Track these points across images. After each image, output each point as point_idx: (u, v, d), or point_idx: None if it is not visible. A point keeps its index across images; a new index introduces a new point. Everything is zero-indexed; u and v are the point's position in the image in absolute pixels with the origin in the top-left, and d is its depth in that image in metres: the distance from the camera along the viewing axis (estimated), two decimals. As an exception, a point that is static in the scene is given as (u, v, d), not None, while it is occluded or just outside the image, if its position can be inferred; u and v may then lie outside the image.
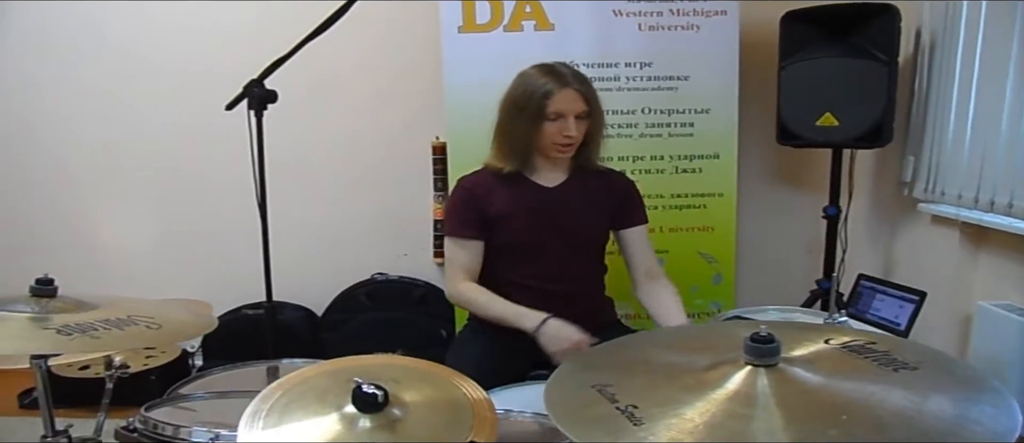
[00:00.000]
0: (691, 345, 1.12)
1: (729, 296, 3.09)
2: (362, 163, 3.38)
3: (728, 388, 0.97)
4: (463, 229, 2.10)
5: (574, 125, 1.97)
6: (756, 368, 0.98)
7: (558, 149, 2.01)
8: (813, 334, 1.09)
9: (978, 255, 2.61)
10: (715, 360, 1.02)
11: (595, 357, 1.13)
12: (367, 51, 3.26)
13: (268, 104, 2.24)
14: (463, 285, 2.09)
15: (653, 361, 1.07)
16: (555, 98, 1.95)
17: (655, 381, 1.00)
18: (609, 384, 0.97)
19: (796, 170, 3.35)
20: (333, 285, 3.32)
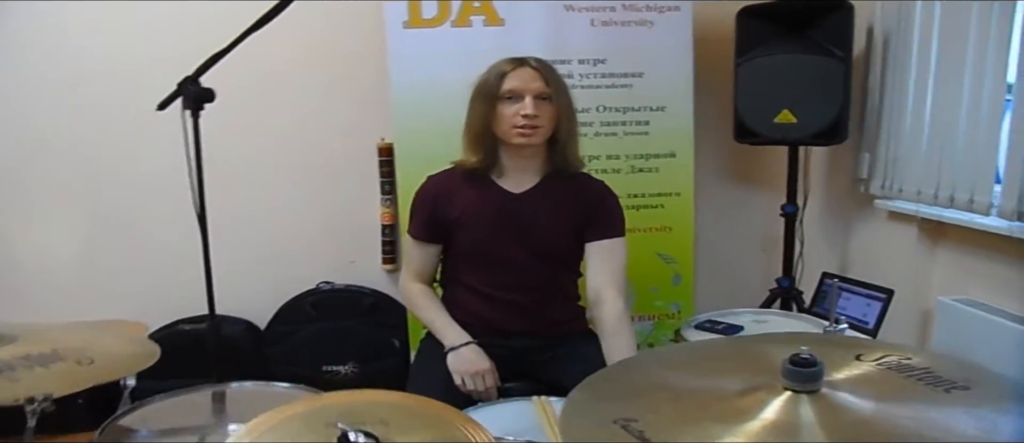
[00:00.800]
0: (711, 367, 1.03)
1: (688, 297, 3.04)
2: (305, 166, 3.19)
3: (766, 418, 0.88)
4: (421, 231, 2.04)
5: (532, 104, 1.86)
6: (797, 394, 0.89)
7: (519, 133, 1.89)
8: (841, 350, 1.01)
9: (936, 251, 2.62)
10: (747, 385, 0.93)
11: (604, 384, 1.01)
12: (308, 47, 3.07)
13: (205, 103, 2.05)
14: (412, 285, 2.08)
15: (674, 387, 0.97)
16: (508, 76, 1.89)
17: (684, 412, 0.90)
18: (633, 419, 0.87)
19: (750, 168, 3.33)
20: (276, 296, 3.12)
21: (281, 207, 3.19)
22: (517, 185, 2.00)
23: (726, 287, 3.27)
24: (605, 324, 1.90)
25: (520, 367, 2.02)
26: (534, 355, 2.05)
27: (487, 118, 1.92)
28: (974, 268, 2.46)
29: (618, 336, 1.86)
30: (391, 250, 3.24)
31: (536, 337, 2.03)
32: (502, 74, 1.90)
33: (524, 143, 1.91)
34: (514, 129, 1.89)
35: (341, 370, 3.04)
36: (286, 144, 3.17)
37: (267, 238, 3.17)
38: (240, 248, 3.01)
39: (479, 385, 1.88)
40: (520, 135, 1.89)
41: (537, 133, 1.91)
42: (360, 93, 3.14)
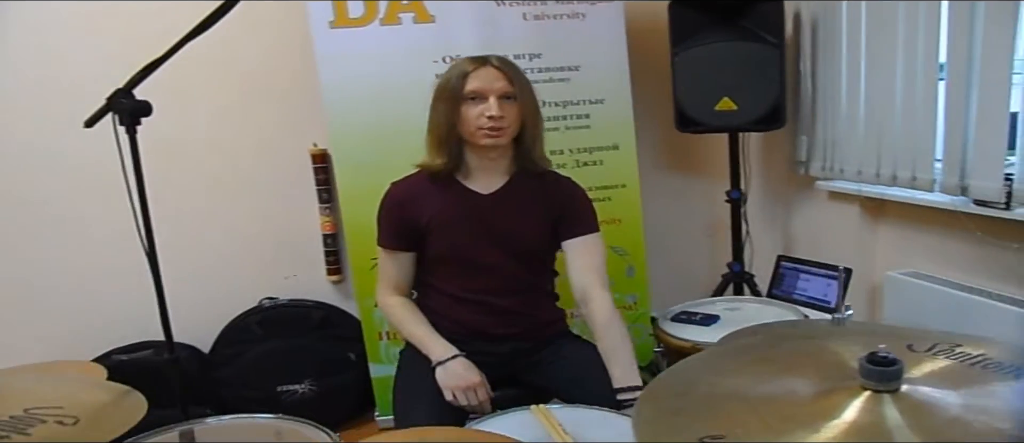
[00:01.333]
0: (769, 370, 1.01)
1: (643, 288, 3.07)
2: (234, 179, 3.02)
3: (850, 419, 0.86)
4: (391, 240, 1.96)
5: (496, 105, 1.81)
6: (878, 394, 0.88)
7: (484, 134, 1.84)
8: (892, 340, 1.01)
9: (878, 227, 2.74)
10: (820, 387, 0.92)
11: (667, 398, 0.98)
12: (225, 52, 2.89)
13: (141, 117, 1.89)
14: (390, 299, 2.00)
15: (745, 395, 0.95)
16: (472, 76, 1.83)
17: (767, 422, 0.88)
18: (720, 435, 0.84)
19: (690, 157, 3.39)
20: (216, 317, 2.95)
21: (211, 223, 3.02)
22: (485, 186, 1.94)
23: (677, 275, 3.33)
24: (598, 320, 1.87)
25: (505, 373, 1.97)
26: (519, 359, 2.01)
27: (451, 120, 1.86)
28: (917, 242, 2.58)
29: (613, 331, 1.85)
30: (335, 260, 3.12)
31: (519, 340, 1.99)
32: (464, 74, 1.84)
33: (490, 144, 1.86)
34: (479, 131, 1.84)
35: (297, 389, 2.91)
36: (211, 156, 2.99)
37: (200, 256, 2.98)
38: (171, 269, 2.79)
39: (472, 400, 1.82)
40: (486, 136, 1.84)
41: (503, 134, 1.86)
42: (286, 98, 3.02)
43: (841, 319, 1.46)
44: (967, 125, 2.23)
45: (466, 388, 1.82)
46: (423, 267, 1.99)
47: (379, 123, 2.76)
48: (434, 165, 1.90)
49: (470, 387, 1.82)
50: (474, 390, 1.82)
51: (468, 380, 1.83)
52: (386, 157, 2.71)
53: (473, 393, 1.82)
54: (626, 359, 1.81)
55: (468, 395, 1.82)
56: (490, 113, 1.81)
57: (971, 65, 2.18)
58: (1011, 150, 2.14)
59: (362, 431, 2.94)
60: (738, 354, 1.09)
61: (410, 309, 1.98)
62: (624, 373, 1.78)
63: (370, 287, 2.84)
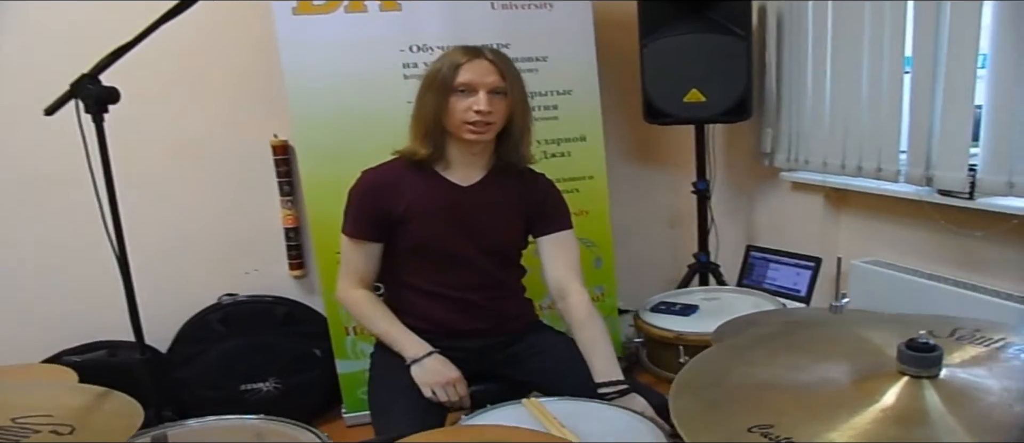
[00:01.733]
0: (800, 358, 1.01)
1: (610, 279, 3.08)
2: (193, 170, 2.90)
3: (887, 404, 0.87)
4: (359, 229, 1.88)
5: (486, 100, 1.77)
6: (916, 379, 0.89)
7: (470, 129, 1.79)
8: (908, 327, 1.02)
9: (841, 217, 2.80)
10: (856, 373, 0.92)
11: (702, 389, 0.97)
12: (185, 39, 2.76)
13: (108, 105, 1.79)
14: (355, 292, 1.92)
15: (783, 384, 0.94)
16: (463, 68, 1.77)
17: (812, 408, 0.88)
18: (769, 425, 0.83)
19: (655, 148, 3.41)
20: (175, 315, 2.83)
21: (167, 217, 2.89)
22: (464, 178, 1.90)
23: (641, 266, 3.35)
24: (576, 316, 1.88)
25: (478, 368, 1.94)
26: (491, 354, 1.98)
27: (438, 110, 1.81)
28: (880, 231, 2.66)
29: (593, 326, 1.85)
30: (298, 254, 3.03)
31: (491, 335, 1.96)
32: (456, 65, 1.78)
33: (474, 140, 1.83)
34: (465, 125, 1.79)
35: (262, 387, 2.82)
36: (167, 148, 2.87)
37: (155, 252, 2.85)
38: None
39: (451, 395, 1.79)
40: (471, 132, 1.80)
41: (489, 130, 1.82)
42: (247, 87, 2.91)
43: (839, 307, 1.48)
44: (933, 117, 2.29)
45: (445, 384, 1.79)
46: (392, 260, 1.93)
47: (343, 113, 2.69)
48: (417, 153, 1.85)
49: (448, 383, 1.79)
50: (453, 385, 1.79)
51: (446, 376, 1.80)
52: (351, 147, 2.65)
53: (452, 388, 1.79)
54: (606, 353, 1.81)
55: (447, 390, 1.79)
56: (478, 107, 1.76)
57: (937, 58, 2.25)
58: (975, 142, 2.21)
59: (330, 428, 2.87)
60: (758, 344, 1.09)
61: (378, 304, 1.92)
62: (605, 367, 1.78)
63: (335, 281, 2.76)
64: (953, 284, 2.37)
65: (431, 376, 1.79)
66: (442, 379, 1.79)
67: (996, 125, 2.12)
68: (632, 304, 3.34)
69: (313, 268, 3.05)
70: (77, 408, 1.14)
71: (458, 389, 1.80)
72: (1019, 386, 0.88)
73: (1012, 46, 2.04)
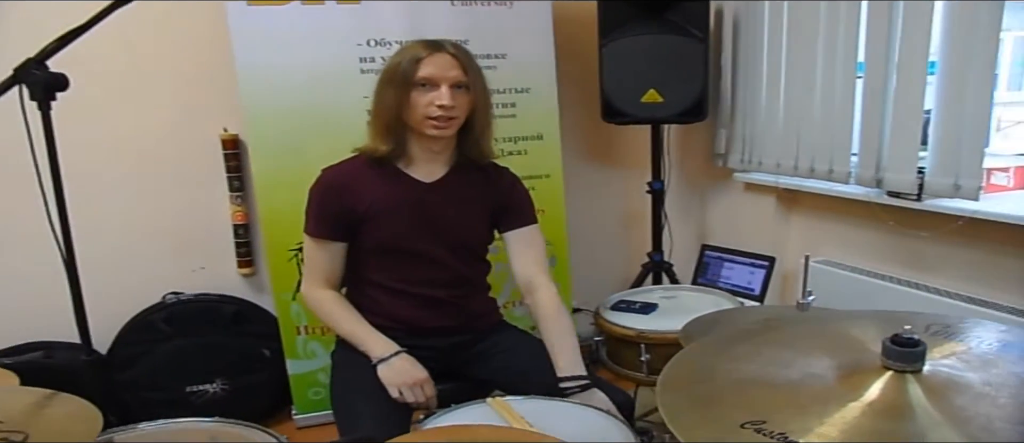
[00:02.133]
0: (783, 354, 1.02)
1: (565, 278, 3.07)
2: (137, 164, 2.79)
3: (871, 397, 0.88)
4: (321, 229, 1.84)
5: (448, 94, 1.74)
6: (900, 374, 0.90)
7: (432, 124, 1.76)
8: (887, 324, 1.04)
9: (792, 218, 2.86)
10: (839, 368, 0.93)
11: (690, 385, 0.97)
12: (133, 29, 2.67)
13: (57, 92, 1.70)
14: (320, 292, 1.88)
15: (771, 380, 0.94)
16: (425, 62, 1.73)
17: (800, 404, 0.88)
18: (761, 421, 0.83)
19: (610, 147, 3.43)
20: (116, 314, 2.72)
21: (110, 212, 2.78)
22: (427, 174, 1.87)
23: (596, 265, 3.36)
24: (545, 312, 1.87)
25: (440, 367, 1.91)
26: (456, 353, 1.95)
27: (399, 105, 1.77)
28: (829, 231, 2.72)
29: (560, 322, 1.85)
30: (247, 252, 2.94)
31: (457, 334, 1.94)
32: (417, 59, 1.74)
33: (437, 135, 1.80)
34: (428, 120, 1.76)
35: (208, 389, 2.73)
36: (112, 140, 2.75)
37: (97, 248, 2.71)
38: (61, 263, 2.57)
39: (419, 396, 1.76)
40: (434, 127, 1.77)
41: (451, 125, 1.79)
42: (197, 79, 2.82)
43: (805, 305, 1.50)
44: (884, 121, 2.36)
45: (412, 384, 1.75)
46: (356, 259, 1.89)
47: (298, 107, 2.63)
48: (378, 150, 1.81)
49: (416, 383, 1.76)
50: (420, 386, 1.76)
51: (414, 376, 1.76)
52: (305, 143, 2.60)
53: (419, 389, 1.76)
54: (571, 348, 1.81)
55: (414, 391, 1.75)
56: (441, 102, 1.73)
57: (889, 64, 2.31)
58: (923, 145, 2.29)
59: (279, 430, 2.77)
60: (741, 341, 1.09)
61: (344, 305, 1.88)
62: (569, 363, 1.77)
63: (287, 280, 2.72)
64: (899, 283, 2.44)
65: (399, 376, 1.76)
66: (410, 379, 1.75)
67: (944, 129, 2.19)
68: (585, 303, 3.36)
69: (263, 266, 2.96)
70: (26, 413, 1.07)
71: (426, 390, 1.77)
72: (1001, 379, 0.90)
73: (960, 53, 2.11)
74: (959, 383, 0.90)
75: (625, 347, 2.11)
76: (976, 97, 2.08)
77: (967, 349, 0.98)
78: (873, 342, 1.00)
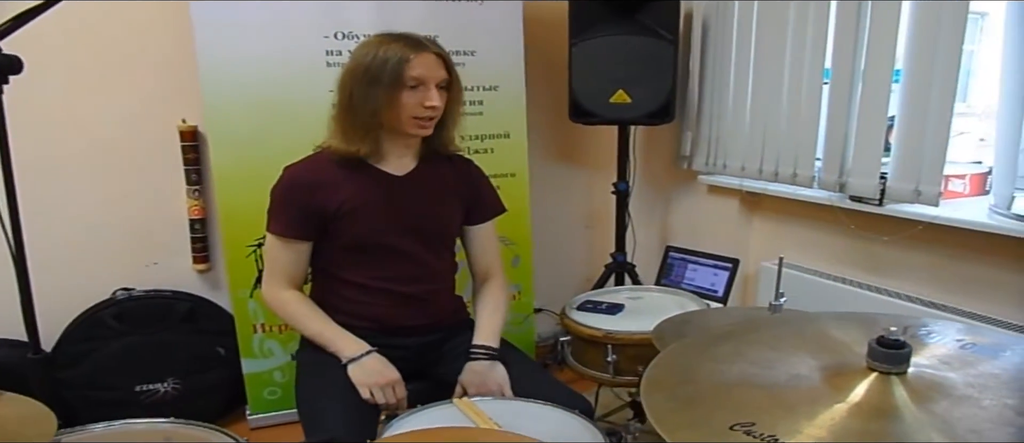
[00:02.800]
0: (766, 355, 1.01)
1: (527, 277, 3.06)
2: (88, 153, 2.67)
3: (856, 399, 0.88)
4: (286, 228, 1.79)
5: (437, 95, 1.73)
6: (885, 375, 0.90)
7: (417, 124, 1.75)
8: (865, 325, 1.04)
9: (752, 220, 2.89)
10: (824, 369, 0.93)
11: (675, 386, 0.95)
12: (87, 15, 2.57)
13: (9, 75, 1.62)
14: (284, 293, 1.83)
15: (756, 381, 0.93)
16: (414, 63, 1.69)
17: (788, 404, 0.87)
18: (750, 423, 0.82)
19: (575, 147, 3.42)
20: (61, 310, 2.60)
21: (58, 203, 2.66)
22: (398, 167, 1.84)
23: (558, 265, 3.34)
24: (493, 300, 1.95)
25: (409, 368, 1.87)
26: (426, 353, 1.92)
27: (383, 105, 1.72)
28: (789, 234, 2.75)
29: (498, 301, 1.95)
30: (203, 247, 2.85)
31: (427, 332, 1.91)
32: (405, 59, 1.70)
33: (420, 134, 1.78)
34: (414, 120, 1.74)
35: (160, 388, 2.63)
36: (61, 127, 2.63)
37: (45, 240, 2.61)
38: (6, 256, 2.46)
39: (390, 397, 1.72)
40: (419, 126, 1.75)
41: (433, 123, 1.79)
42: (155, 68, 2.71)
43: (778, 306, 1.50)
44: (849, 126, 2.39)
45: (384, 384, 1.72)
46: (325, 257, 1.84)
47: (261, 100, 2.56)
48: (349, 150, 1.76)
49: (388, 383, 1.73)
50: (392, 387, 1.73)
51: (386, 377, 1.73)
52: (268, 137, 2.53)
53: (391, 390, 1.73)
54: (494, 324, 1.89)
55: (386, 392, 1.72)
56: (431, 103, 1.71)
57: (855, 71, 2.35)
58: (886, 151, 2.32)
59: (232, 431, 2.71)
60: (721, 342, 1.08)
61: (309, 305, 1.84)
62: (488, 335, 1.86)
63: (244, 276, 2.64)
64: (859, 286, 2.48)
65: (371, 376, 1.72)
66: (382, 379, 1.72)
67: (907, 136, 2.23)
68: (546, 303, 3.35)
69: (219, 262, 2.88)
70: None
71: (397, 391, 1.74)
72: (983, 380, 0.91)
73: (924, 61, 2.15)
74: (943, 385, 0.90)
75: (591, 348, 2.09)
76: (939, 105, 2.12)
77: (949, 351, 0.99)
78: (855, 343, 1.00)
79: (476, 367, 1.79)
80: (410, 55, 1.70)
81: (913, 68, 2.20)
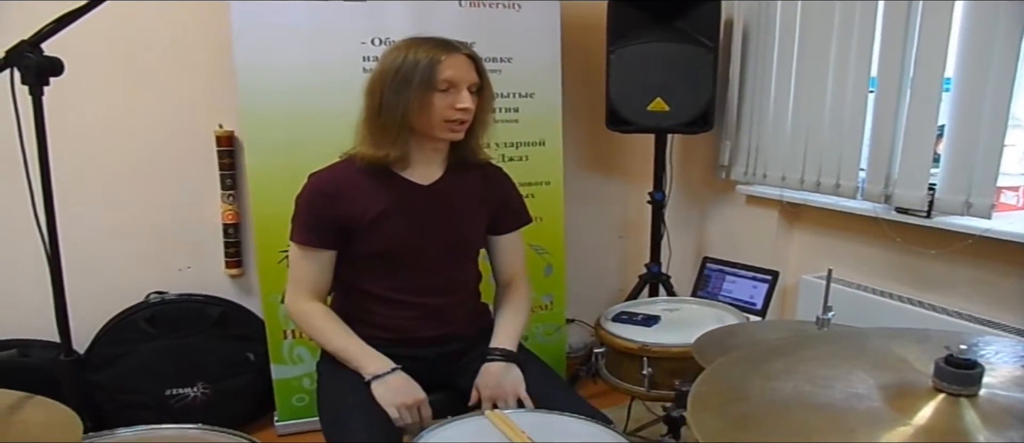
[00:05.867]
0: (822, 373, 0.95)
1: (560, 287, 3.02)
2: (125, 157, 2.70)
3: (922, 422, 0.82)
4: (311, 237, 1.75)
5: (469, 98, 1.69)
6: (953, 398, 0.84)
7: (449, 128, 1.71)
8: (924, 345, 0.98)
9: (794, 232, 2.81)
10: (885, 390, 0.87)
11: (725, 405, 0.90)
12: (129, 21, 2.59)
13: (51, 76, 1.62)
14: (308, 305, 1.78)
15: (812, 401, 0.88)
16: (445, 64, 1.66)
17: (849, 427, 0.82)
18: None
19: (610, 156, 3.37)
20: (96, 313, 2.62)
21: (93, 207, 2.68)
22: (424, 176, 1.80)
23: (590, 275, 3.29)
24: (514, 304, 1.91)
25: (431, 379, 1.83)
26: (446, 363, 1.88)
27: (412, 109, 1.68)
28: (831, 247, 2.67)
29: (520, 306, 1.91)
30: (236, 252, 2.85)
31: (448, 343, 1.86)
32: (436, 61, 1.66)
33: (452, 138, 1.74)
34: (446, 123, 1.70)
35: (189, 393, 2.64)
36: (99, 132, 2.66)
37: (80, 242, 2.62)
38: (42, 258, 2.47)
39: (415, 417, 1.68)
40: (450, 130, 1.71)
41: (465, 128, 1.75)
42: (193, 73, 2.74)
43: (826, 320, 1.44)
44: (896, 136, 2.31)
45: (410, 405, 1.68)
46: (348, 267, 1.80)
47: (298, 106, 2.56)
48: (377, 155, 1.73)
49: (414, 404, 1.68)
50: (417, 407, 1.69)
51: (413, 396, 1.68)
52: (304, 143, 2.52)
53: (416, 410, 1.68)
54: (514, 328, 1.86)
55: (412, 412, 1.68)
56: (463, 105, 1.68)
57: (903, 78, 2.27)
58: (934, 162, 2.24)
59: (260, 438, 2.69)
60: (773, 357, 1.03)
61: (332, 319, 1.79)
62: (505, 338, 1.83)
63: (276, 282, 2.63)
64: (903, 300, 2.40)
65: (396, 396, 1.67)
66: (409, 399, 1.67)
67: (957, 146, 2.15)
68: (578, 313, 3.30)
69: (252, 267, 2.88)
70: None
71: (422, 411, 1.69)
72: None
73: (975, 69, 2.07)
74: (1018, 409, 0.84)
75: (627, 360, 2.04)
76: (992, 114, 2.04)
77: (1018, 372, 0.92)
78: (917, 361, 0.94)
79: (491, 369, 1.76)
80: (441, 57, 1.66)
81: (965, 75, 2.12)
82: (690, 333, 1.90)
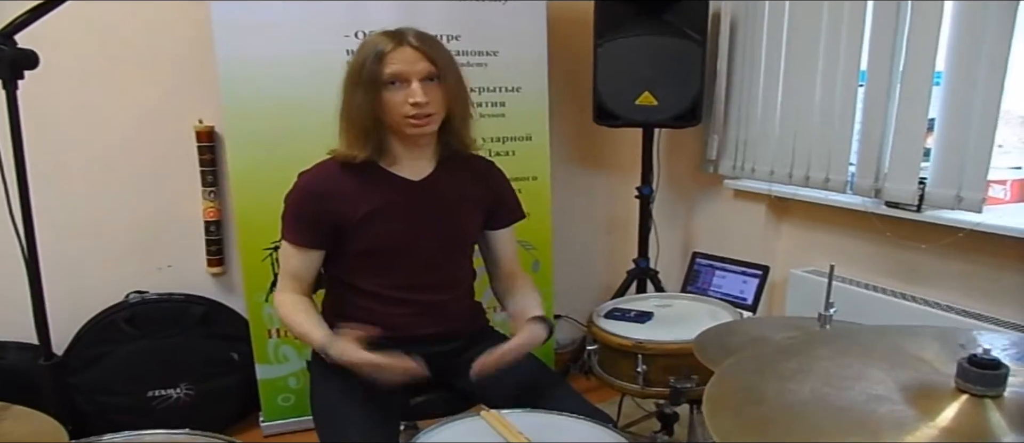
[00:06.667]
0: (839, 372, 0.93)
1: (548, 283, 2.99)
2: (103, 153, 2.63)
3: (944, 423, 0.80)
4: (301, 236, 1.72)
5: (421, 90, 1.62)
6: (978, 398, 0.82)
7: (410, 124, 1.65)
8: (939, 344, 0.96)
9: (783, 226, 2.80)
10: (905, 390, 0.85)
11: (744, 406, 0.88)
12: (104, 14, 2.51)
13: (25, 70, 1.56)
14: (282, 295, 1.76)
15: (831, 402, 0.85)
16: (389, 58, 1.61)
17: (872, 429, 0.80)
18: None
19: (597, 151, 3.35)
20: (75, 313, 2.55)
21: (71, 204, 2.61)
22: (415, 172, 1.77)
23: (580, 270, 3.27)
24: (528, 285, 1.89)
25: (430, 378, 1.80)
26: (442, 361, 1.84)
27: (372, 108, 1.65)
28: (819, 241, 2.67)
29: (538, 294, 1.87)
30: (218, 250, 2.79)
31: (445, 341, 1.83)
32: (380, 56, 1.61)
33: (418, 133, 1.69)
34: (405, 119, 1.65)
35: (172, 394, 2.58)
36: (76, 127, 2.58)
37: (57, 241, 2.54)
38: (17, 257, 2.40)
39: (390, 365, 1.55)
40: (413, 126, 1.66)
41: (431, 121, 1.68)
42: (173, 67, 2.67)
43: (828, 317, 1.43)
44: (886, 130, 2.31)
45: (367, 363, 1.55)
46: (340, 264, 1.77)
47: (280, 101, 2.51)
48: (350, 154, 1.69)
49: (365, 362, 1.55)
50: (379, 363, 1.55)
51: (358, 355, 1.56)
52: (286, 139, 2.48)
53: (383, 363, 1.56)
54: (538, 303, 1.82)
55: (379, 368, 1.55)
56: (414, 99, 1.61)
57: (892, 72, 2.27)
58: (925, 156, 2.24)
59: (245, 439, 2.65)
60: (785, 357, 1.01)
61: (301, 308, 1.72)
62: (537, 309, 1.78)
63: (260, 280, 2.58)
64: (893, 295, 2.40)
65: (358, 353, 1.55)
66: (356, 357, 1.54)
67: (948, 140, 2.15)
68: (566, 309, 3.28)
69: (235, 266, 2.82)
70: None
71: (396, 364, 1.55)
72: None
73: (967, 63, 2.07)
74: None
75: (620, 357, 2.01)
76: (983, 108, 2.04)
77: None
78: (936, 360, 0.92)
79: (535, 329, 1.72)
80: (385, 49, 1.61)
81: (955, 70, 2.11)
82: (684, 330, 1.89)
